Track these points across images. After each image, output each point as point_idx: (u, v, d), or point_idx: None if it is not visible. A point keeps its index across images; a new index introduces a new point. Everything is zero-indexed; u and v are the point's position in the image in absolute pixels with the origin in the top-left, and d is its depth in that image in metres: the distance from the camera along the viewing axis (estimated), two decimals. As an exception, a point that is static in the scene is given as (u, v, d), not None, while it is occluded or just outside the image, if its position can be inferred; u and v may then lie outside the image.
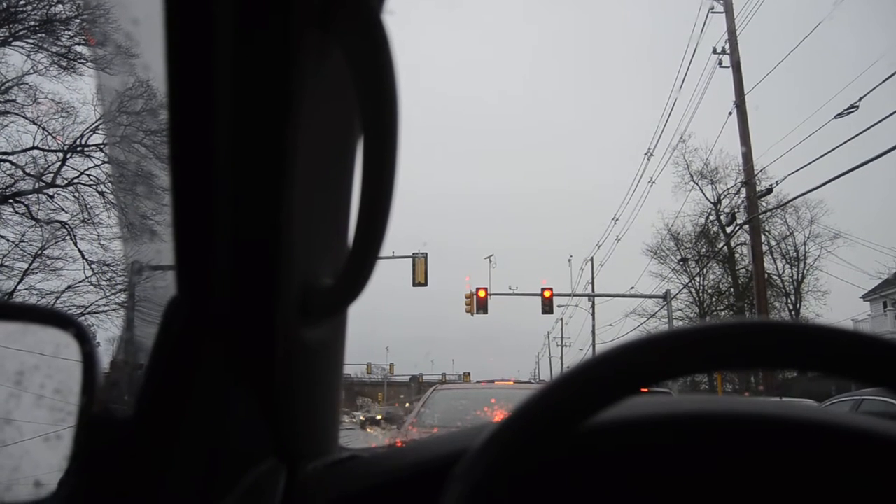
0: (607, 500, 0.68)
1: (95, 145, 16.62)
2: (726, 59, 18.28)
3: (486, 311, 23.28)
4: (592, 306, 34.22)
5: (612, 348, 0.53)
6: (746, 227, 19.32)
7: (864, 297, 31.63)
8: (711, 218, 32.35)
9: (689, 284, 32.71)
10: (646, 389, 0.63)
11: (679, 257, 33.42)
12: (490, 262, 27.69)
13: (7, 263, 16.18)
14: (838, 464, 0.65)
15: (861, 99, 13.37)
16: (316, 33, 0.62)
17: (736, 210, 21.20)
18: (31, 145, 16.45)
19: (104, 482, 0.68)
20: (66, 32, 16.31)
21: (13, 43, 16.02)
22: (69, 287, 16.62)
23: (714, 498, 0.66)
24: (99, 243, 16.75)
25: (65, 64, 16.31)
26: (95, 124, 16.26)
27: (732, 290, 32.64)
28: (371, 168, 0.65)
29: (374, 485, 0.75)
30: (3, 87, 16.14)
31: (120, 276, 16.11)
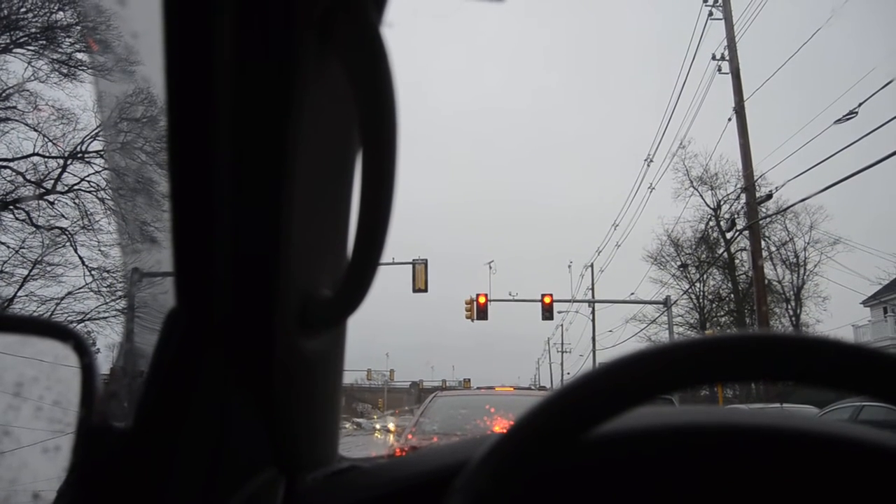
0: None
1: (96, 152, 16.69)
2: (725, 66, 18.34)
3: (486, 318, 23.27)
4: (592, 312, 34.27)
5: (614, 360, 0.53)
6: (746, 232, 19.33)
7: (865, 302, 31.63)
8: (711, 224, 32.41)
9: (690, 290, 32.73)
10: None
11: (679, 263, 33.48)
12: (490, 268, 27.71)
13: (7, 270, 16.20)
14: (836, 475, 0.65)
15: (860, 105, 13.42)
16: (315, 46, 0.62)
17: (736, 216, 21.26)
18: (31, 152, 16.51)
19: (102, 493, 0.67)
20: (67, 39, 16.39)
21: (14, 50, 16.09)
22: (69, 293, 16.65)
23: None
24: (99, 250, 16.80)
25: (65, 71, 16.38)
26: (96, 131, 16.33)
27: (732, 295, 32.64)
28: (370, 178, 0.65)
29: (375, 496, 0.74)
30: (3, 94, 16.19)
31: (120, 282, 16.14)
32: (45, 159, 16.68)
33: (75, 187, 16.75)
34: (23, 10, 16.23)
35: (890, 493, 0.62)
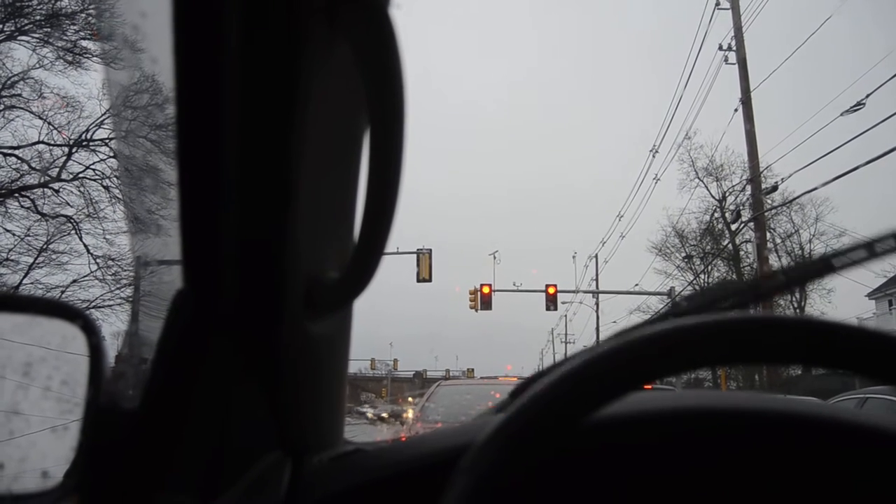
0: (611, 494, 0.68)
1: (101, 140, 16.65)
2: (732, 57, 18.22)
3: (489, 308, 23.29)
4: (596, 303, 34.23)
5: (616, 343, 0.53)
6: (751, 224, 19.27)
7: (870, 295, 31.52)
8: (716, 215, 32.30)
9: (694, 282, 32.66)
10: (649, 387, 0.63)
11: (684, 254, 33.39)
12: (494, 258, 27.61)
13: (13, 257, 16.23)
14: (842, 459, 0.65)
15: (868, 96, 13.33)
16: (323, 27, 0.62)
17: (741, 207, 21.15)
18: (36, 140, 16.48)
19: (110, 473, 0.68)
20: (72, 27, 16.32)
21: (19, 37, 16.03)
22: (74, 281, 16.67)
23: (717, 492, 0.67)
24: (104, 238, 16.78)
25: (70, 58, 16.31)
26: (101, 119, 16.28)
27: (737, 287, 32.49)
28: (377, 161, 0.65)
29: (379, 478, 0.75)
30: (9, 82, 16.16)
31: (125, 270, 16.15)
32: (51, 147, 16.68)
33: (80, 175, 16.75)
34: (27, -4, 16.18)
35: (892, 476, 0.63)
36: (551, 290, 23.89)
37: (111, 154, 16.25)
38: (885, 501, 0.63)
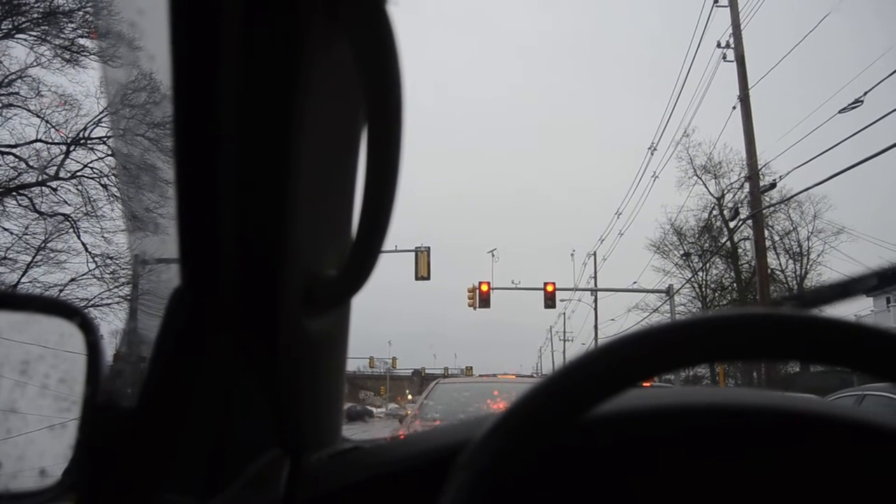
0: (611, 490, 0.68)
1: (99, 138, 16.63)
2: (730, 54, 18.22)
3: (488, 306, 23.29)
4: (595, 301, 34.29)
5: (614, 339, 0.53)
6: (749, 221, 19.28)
7: (867, 292, 31.54)
8: (714, 213, 32.32)
9: (692, 279, 32.71)
10: (648, 384, 0.63)
11: (682, 252, 33.42)
12: (493, 256, 27.59)
13: (10, 256, 16.22)
14: (840, 456, 0.65)
15: (865, 94, 13.34)
16: (321, 24, 0.62)
17: (739, 205, 21.18)
18: (34, 138, 16.46)
19: (108, 471, 0.68)
20: (70, 24, 16.28)
21: (16, 35, 15.99)
22: (72, 280, 16.67)
23: (717, 488, 0.67)
24: (102, 236, 16.78)
25: (68, 56, 16.28)
26: (99, 117, 16.25)
27: (735, 285, 32.60)
28: (375, 159, 0.65)
29: (378, 475, 0.75)
30: (6, 80, 16.13)
31: (123, 268, 16.15)
32: (48, 145, 16.66)
33: (78, 174, 16.73)
34: (25, -6, 16.13)
35: (891, 473, 0.63)
36: (550, 288, 23.90)
37: (109, 152, 16.24)
38: (884, 499, 0.63)
